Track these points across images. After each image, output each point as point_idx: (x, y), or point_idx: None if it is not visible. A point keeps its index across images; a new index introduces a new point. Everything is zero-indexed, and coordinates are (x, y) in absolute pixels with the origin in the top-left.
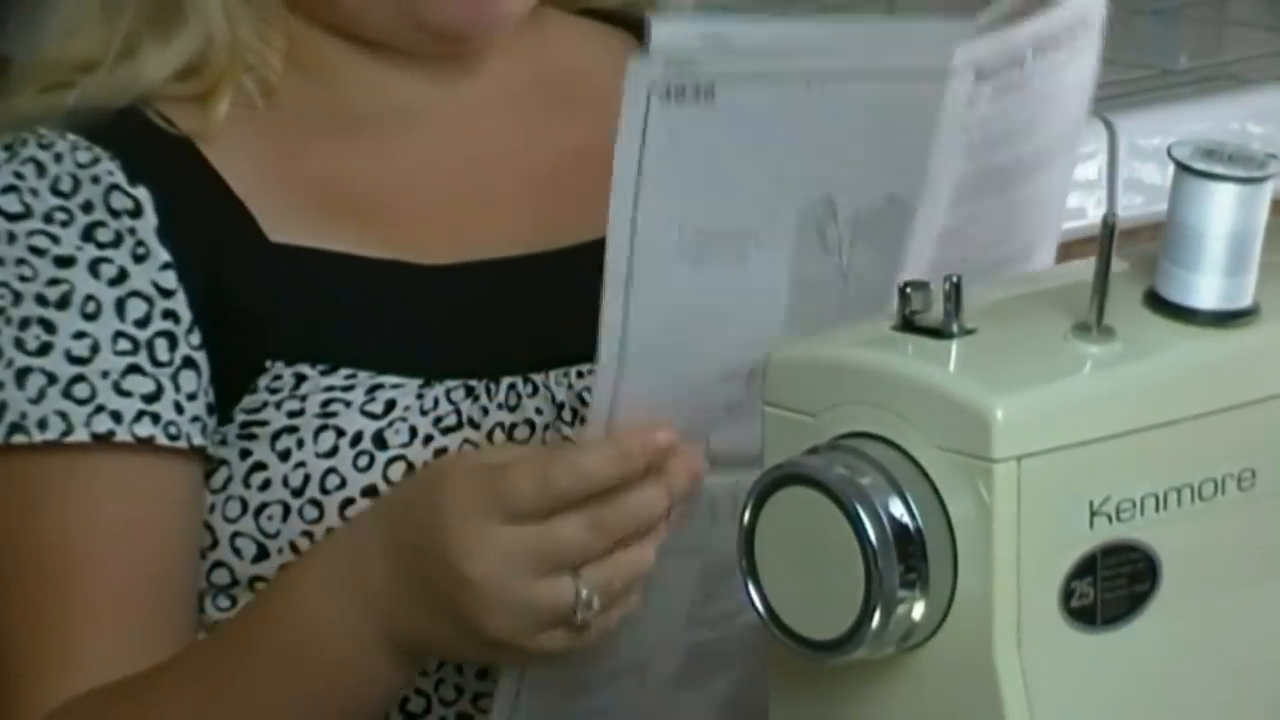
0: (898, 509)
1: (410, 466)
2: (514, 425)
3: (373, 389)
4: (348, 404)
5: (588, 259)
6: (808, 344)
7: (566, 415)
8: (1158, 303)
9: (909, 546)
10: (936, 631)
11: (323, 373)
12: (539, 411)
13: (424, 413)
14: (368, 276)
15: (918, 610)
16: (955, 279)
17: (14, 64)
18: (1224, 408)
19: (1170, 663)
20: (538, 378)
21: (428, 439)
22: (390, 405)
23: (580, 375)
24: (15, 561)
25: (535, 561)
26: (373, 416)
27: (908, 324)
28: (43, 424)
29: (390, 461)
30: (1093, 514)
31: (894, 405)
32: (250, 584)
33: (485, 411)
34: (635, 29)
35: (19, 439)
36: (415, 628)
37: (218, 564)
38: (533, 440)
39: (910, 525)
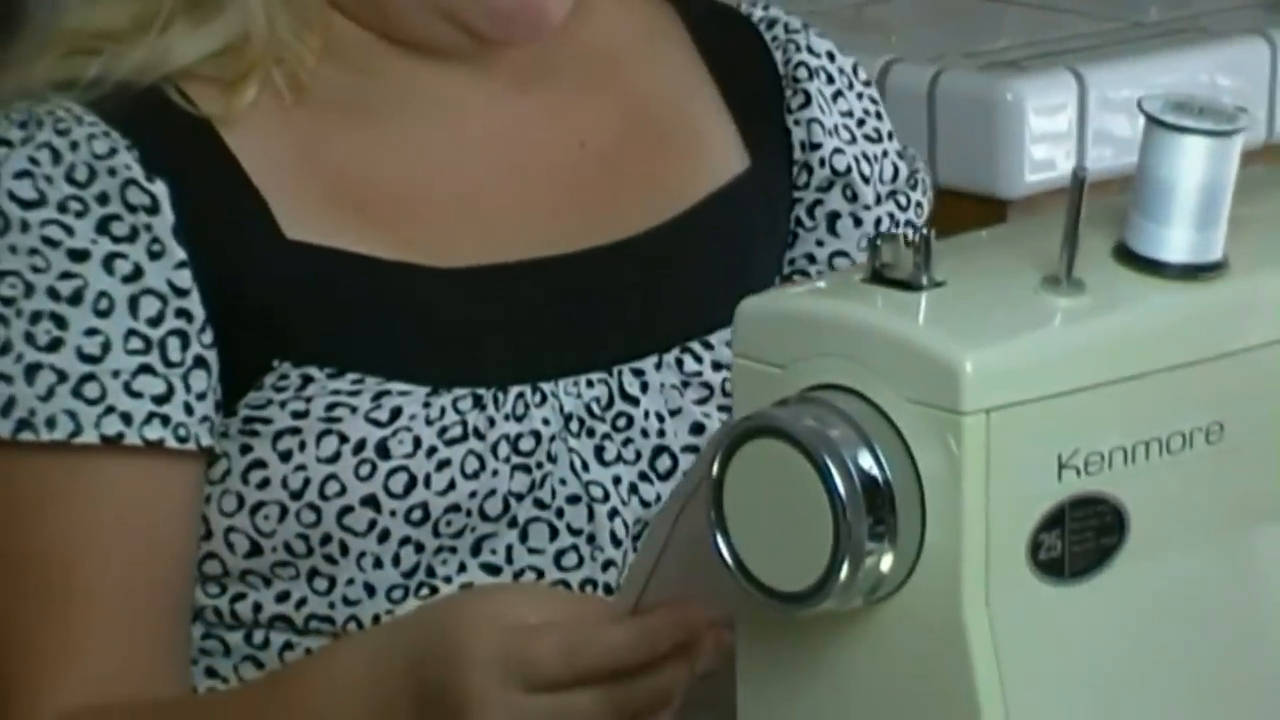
0: (866, 461)
1: (412, 478)
2: (519, 436)
3: (379, 395)
4: (353, 410)
5: (605, 263)
6: (777, 296)
7: (574, 426)
8: (1127, 256)
9: (877, 499)
10: (904, 584)
11: (330, 376)
12: (546, 422)
13: (429, 422)
14: (381, 279)
15: (886, 562)
16: (925, 231)
17: (33, 26)
18: (1193, 361)
19: (1138, 615)
20: (546, 386)
21: (431, 450)
22: (396, 413)
23: (590, 384)
24: (17, 560)
25: None
26: (377, 424)
27: (877, 276)
28: (51, 423)
29: (392, 472)
30: (1061, 467)
31: (863, 357)
32: (241, 576)
33: (491, 422)
34: (681, 4)
35: (26, 436)
36: None
37: (210, 555)
38: (538, 451)
39: (879, 477)
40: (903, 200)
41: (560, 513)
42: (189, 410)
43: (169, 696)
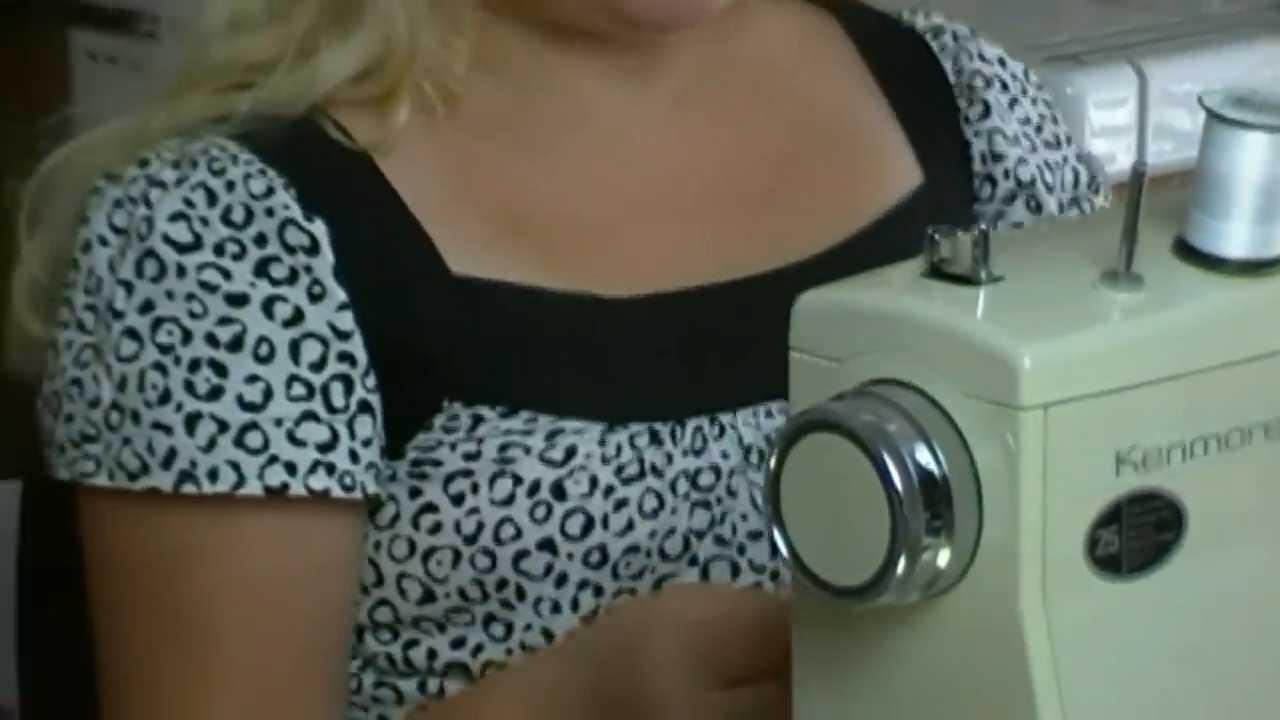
0: (924, 456)
1: (589, 519)
2: (699, 472)
3: (553, 434)
4: (527, 450)
5: (774, 289)
6: (835, 290)
7: (754, 458)
8: (1186, 251)
9: (934, 493)
10: (961, 578)
11: (501, 415)
12: (725, 456)
13: (605, 461)
14: (551, 312)
15: (943, 557)
16: (985, 229)
17: (174, 60)
18: (1252, 357)
19: (1195, 612)
20: (725, 418)
21: (609, 490)
22: (571, 452)
23: (769, 415)
24: (161, 614)
25: None
26: (552, 464)
27: (936, 271)
28: (214, 474)
29: (569, 514)
30: (1119, 462)
31: (921, 352)
32: (415, 623)
33: (669, 459)
34: (844, 13)
35: (189, 489)
36: None
37: (382, 601)
38: (717, 487)
39: (936, 472)
40: (1086, 207)
41: (742, 549)
42: (354, 457)
43: None
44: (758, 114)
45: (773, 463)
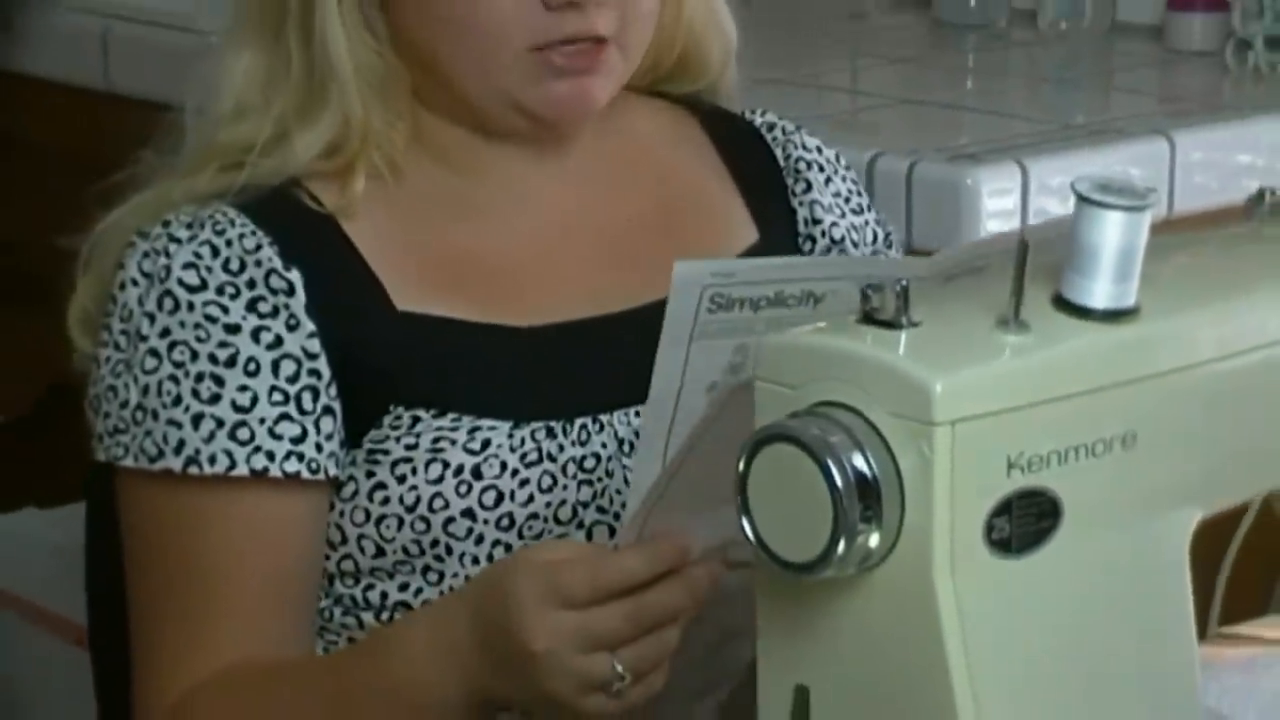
0: (859, 461)
1: (499, 494)
2: (584, 458)
3: (473, 430)
4: (453, 442)
5: (644, 320)
6: (791, 333)
7: (626, 449)
8: (1062, 303)
9: (867, 490)
10: (887, 557)
11: (434, 416)
12: (604, 446)
13: (513, 450)
14: (473, 338)
15: (873, 540)
16: (904, 283)
17: (190, 143)
18: (1112, 384)
19: (1070, 581)
20: (605, 418)
21: (514, 472)
22: (486, 443)
23: (637, 414)
24: (176, 565)
25: (581, 642)
26: (472, 452)
27: (868, 318)
28: (212, 459)
29: (484, 490)
30: (1009, 466)
31: (857, 380)
32: (371, 572)
33: (561, 448)
34: (701, 113)
35: (193, 470)
36: (492, 687)
37: (345, 555)
38: (599, 469)
39: (868, 474)
40: (883, 257)
41: (617, 516)
42: (319, 449)
43: (288, 658)
44: (634, 185)
45: (741, 466)
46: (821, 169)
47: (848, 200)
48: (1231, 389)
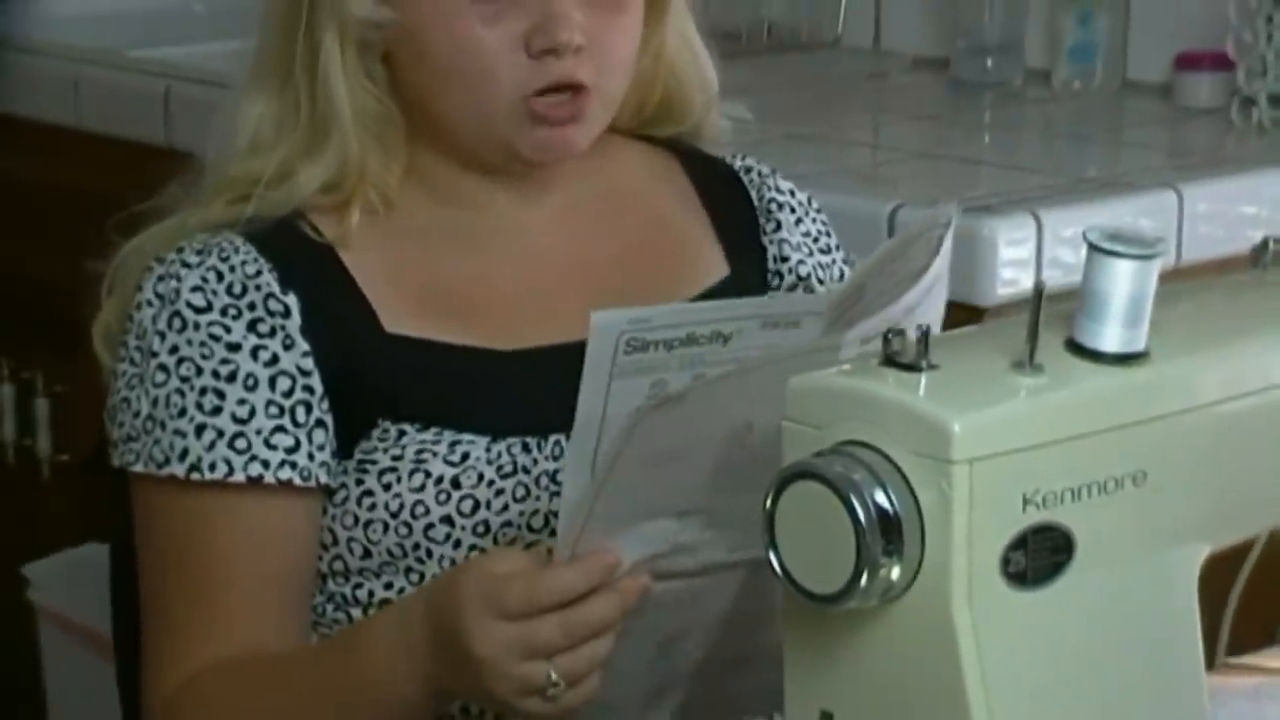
0: (881, 498)
1: (476, 502)
2: (556, 472)
3: (454, 444)
4: (434, 454)
5: None
6: (818, 376)
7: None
8: (1075, 347)
9: (889, 525)
10: (909, 589)
11: (418, 430)
12: (569, 450)
13: (489, 462)
14: (457, 359)
15: (895, 573)
16: (924, 328)
17: (208, 177)
18: (1123, 424)
19: (1082, 612)
20: None
21: (490, 482)
22: (465, 456)
23: None
24: (179, 562)
25: (520, 650)
26: (452, 464)
27: (889, 360)
28: (213, 466)
29: (462, 498)
30: (1025, 502)
31: (880, 420)
32: (359, 572)
33: (535, 462)
34: (682, 154)
35: (195, 476)
36: (444, 682)
37: (336, 556)
38: (565, 472)
39: (890, 510)
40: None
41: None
42: (311, 458)
43: (276, 651)
44: (614, 221)
45: (768, 503)
46: (793, 210)
47: (816, 240)
48: (1237, 429)
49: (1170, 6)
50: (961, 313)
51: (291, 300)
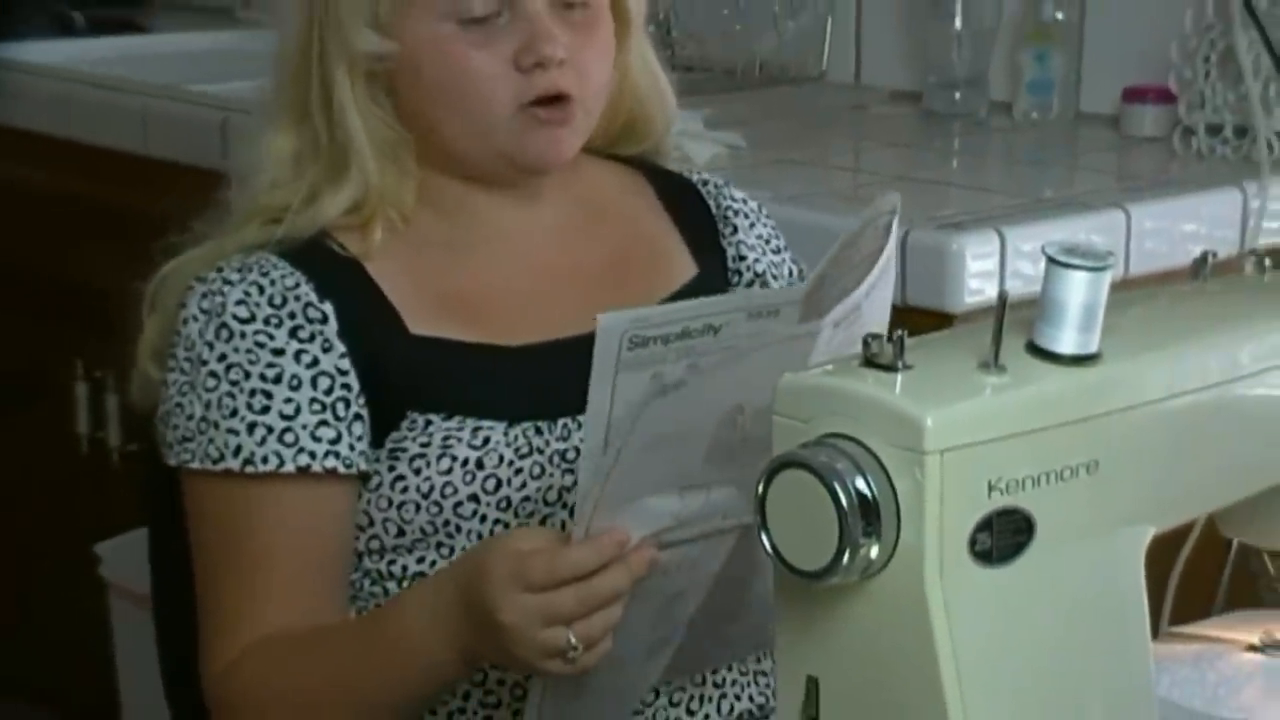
0: (861, 484)
1: (498, 480)
2: (566, 451)
3: (476, 430)
4: (459, 439)
5: None
6: (805, 376)
7: None
8: (1035, 349)
9: (868, 509)
10: (886, 566)
11: (443, 419)
12: (582, 440)
13: (508, 445)
14: (473, 355)
15: (874, 552)
16: (901, 334)
17: (234, 207)
18: (1078, 419)
19: (1042, 588)
20: (582, 418)
21: (510, 463)
22: (486, 440)
23: None
24: (233, 549)
25: (542, 619)
26: (474, 448)
27: (869, 361)
28: (265, 460)
29: (486, 478)
30: (990, 489)
31: (860, 415)
32: (394, 549)
33: (548, 443)
34: (646, 170)
35: (250, 469)
36: (473, 648)
37: (373, 536)
38: (578, 460)
39: (869, 495)
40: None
41: None
42: (352, 448)
43: (321, 624)
44: (597, 229)
45: (760, 489)
46: (747, 216)
47: (768, 242)
48: (1180, 424)
49: (1119, 46)
50: (933, 319)
51: (328, 308)
